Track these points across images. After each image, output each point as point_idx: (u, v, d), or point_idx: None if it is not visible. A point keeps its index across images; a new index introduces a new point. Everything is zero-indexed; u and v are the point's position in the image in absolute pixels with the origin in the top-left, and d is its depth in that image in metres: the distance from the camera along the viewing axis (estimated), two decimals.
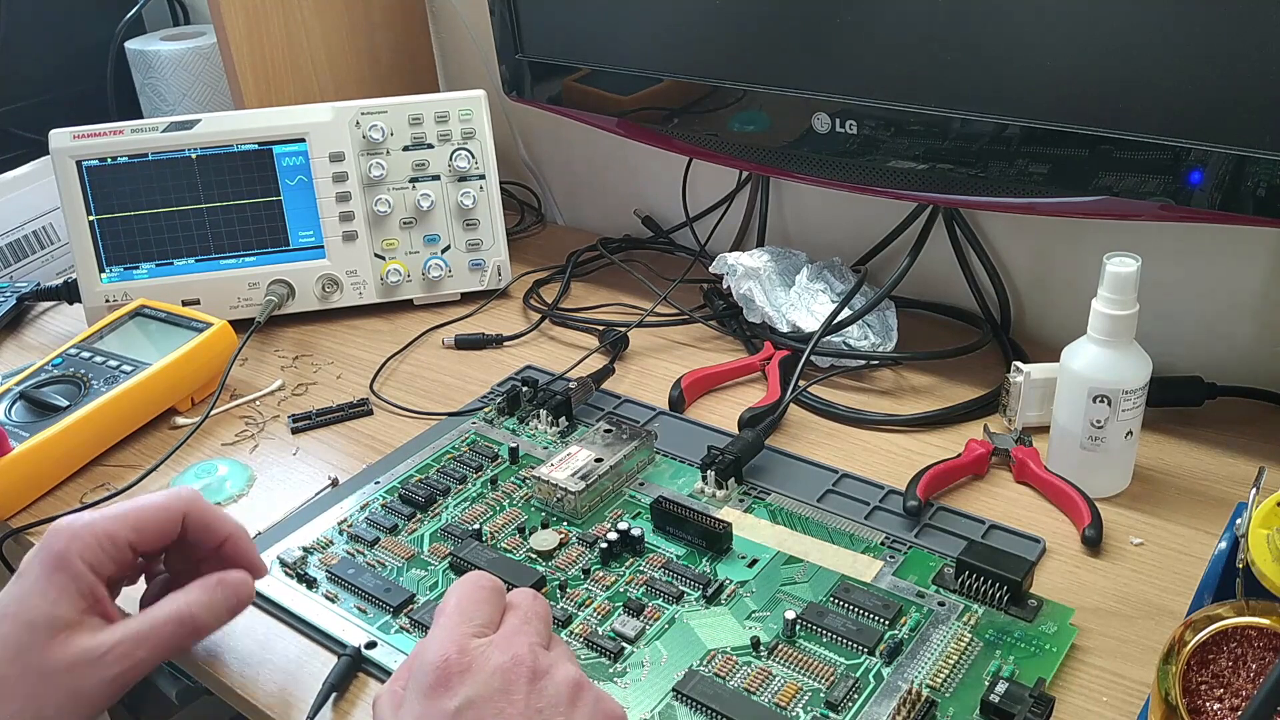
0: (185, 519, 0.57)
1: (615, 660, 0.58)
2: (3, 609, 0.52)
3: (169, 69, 1.22)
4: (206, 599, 0.56)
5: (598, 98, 0.92)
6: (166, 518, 0.57)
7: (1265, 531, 0.48)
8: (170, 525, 0.57)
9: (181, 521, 0.57)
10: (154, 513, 0.56)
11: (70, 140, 0.93)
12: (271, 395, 0.88)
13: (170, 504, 0.57)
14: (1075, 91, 0.66)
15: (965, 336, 0.88)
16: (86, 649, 0.51)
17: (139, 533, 0.55)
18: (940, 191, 0.75)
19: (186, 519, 0.57)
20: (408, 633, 0.61)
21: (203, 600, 0.56)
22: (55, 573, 0.52)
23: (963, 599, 0.60)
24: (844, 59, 0.75)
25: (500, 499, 0.72)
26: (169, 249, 0.96)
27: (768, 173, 0.97)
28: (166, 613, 0.55)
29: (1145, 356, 0.67)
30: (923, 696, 0.54)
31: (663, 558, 0.65)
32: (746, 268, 0.89)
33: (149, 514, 0.56)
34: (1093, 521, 0.65)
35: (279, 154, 0.96)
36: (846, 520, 0.68)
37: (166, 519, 0.57)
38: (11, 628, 0.51)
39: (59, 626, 0.51)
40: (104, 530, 0.54)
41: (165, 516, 0.57)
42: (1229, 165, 0.61)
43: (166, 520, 0.57)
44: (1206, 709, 0.46)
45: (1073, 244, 0.86)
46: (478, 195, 0.99)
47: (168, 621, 0.54)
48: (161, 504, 0.57)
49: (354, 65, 1.12)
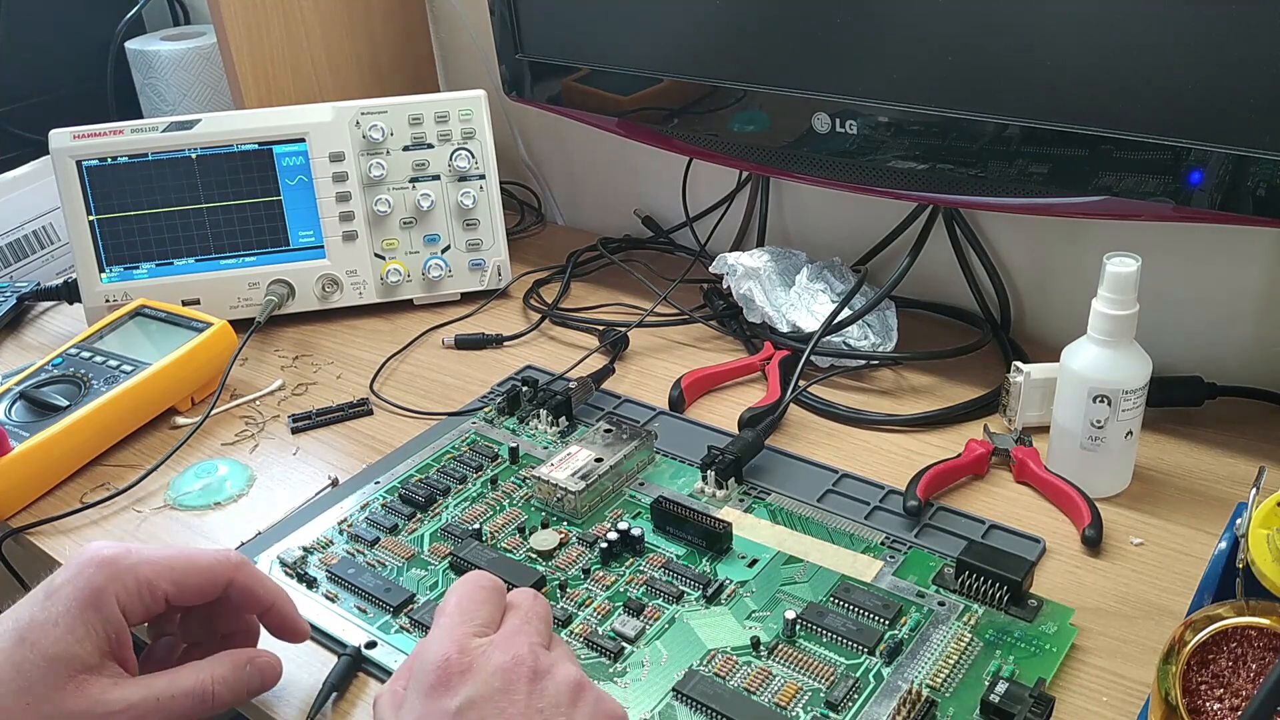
0: (230, 584, 0.54)
1: (615, 660, 0.58)
2: (22, 631, 0.49)
3: (169, 69, 1.22)
4: (233, 677, 0.54)
5: (598, 98, 0.92)
6: (210, 580, 0.54)
7: (1265, 531, 0.48)
8: (213, 589, 0.54)
9: (225, 586, 0.54)
10: (200, 572, 0.53)
11: (70, 140, 0.93)
12: (271, 395, 0.88)
13: (218, 567, 0.54)
14: (1075, 91, 0.66)
15: (965, 336, 0.88)
16: (100, 700, 0.49)
17: (179, 588, 0.53)
18: (940, 191, 0.75)
19: (231, 584, 0.54)
20: (408, 633, 0.61)
21: (229, 678, 0.53)
22: (88, 610, 0.50)
23: (963, 599, 0.60)
24: (844, 59, 0.75)
25: (500, 499, 0.72)
26: (169, 249, 0.96)
27: (768, 173, 0.97)
28: (190, 684, 0.52)
29: (1145, 356, 0.67)
30: (923, 696, 0.54)
31: (663, 558, 0.65)
32: (746, 268, 0.89)
33: (195, 572, 0.53)
34: (1093, 521, 0.65)
35: (279, 154, 0.96)
36: (846, 520, 0.68)
37: (210, 581, 0.54)
38: (29, 656, 0.48)
39: (78, 668, 0.49)
40: (146, 577, 0.52)
41: (209, 578, 0.54)
42: (1229, 165, 0.61)
43: (210, 583, 0.54)
44: (1206, 709, 0.46)
45: (1073, 244, 0.86)
46: (478, 195, 0.99)
47: (188, 695, 0.52)
48: (209, 565, 0.54)
49: (354, 65, 1.12)
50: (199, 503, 0.75)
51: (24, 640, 0.49)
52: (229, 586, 0.54)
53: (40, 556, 0.73)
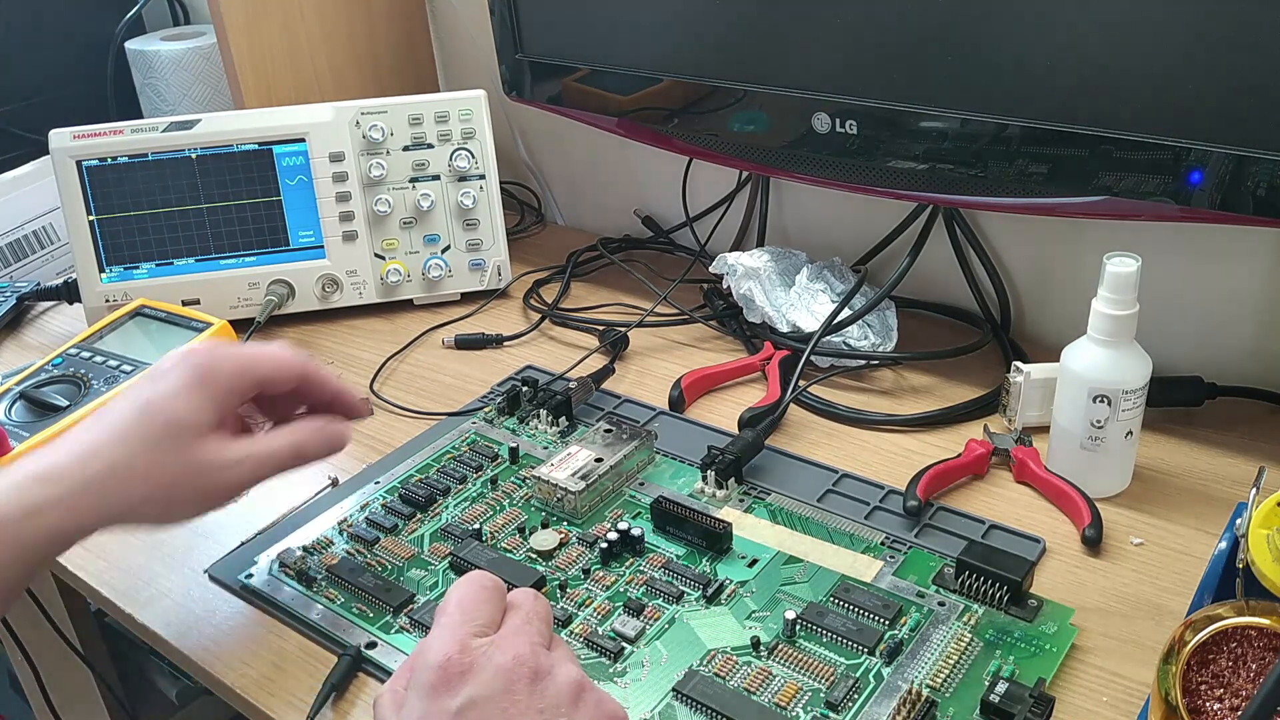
0: (304, 375, 0.63)
1: (615, 660, 0.58)
2: (144, 403, 0.56)
3: (169, 69, 1.22)
4: (317, 435, 0.62)
5: (598, 98, 0.92)
6: (290, 369, 0.62)
7: (1265, 531, 0.48)
8: (293, 376, 0.62)
9: (301, 377, 0.63)
10: (283, 362, 0.62)
11: (70, 140, 0.93)
12: None
13: (294, 360, 0.62)
14: (1075, 91, 0.66)
15: (965, 336, 0.88)
16: (219, 457, 0.57)
17: (269, 372, 0.61)
18: (940, 191, 0.75)
19: (304, 375, 0.63)
20: (408, 633, 0.61)
21: (314, 435, 0.62)
22: (199, 385, 0.57)
23: (963, 599, 0.60)
24: (844, 59, 0.75)
25: (500, 499, 0.72)
26: (169, 249, 0.96)
27: (768, 173, 0.97)
28: (285, 440, 0.61)
29: (1145, 356, 0.67)
30: (923, 696, 0.54)
31: (663, 558, 0.65)
32: (746, 268, 0.89)
33: (279, 362, 0.61)
34: (1093, 521, 0.65)
35: (279, 154, 0.96)
36: (846, 520, 0.68)
37: (290, 370, 0.62)
38: (153, 423, 0.56)
39: (196, 433, 0.56)
40: (243, 363, 0.59)
41: (290, 368, 0.62)
42: (1229, 165, 0.61)
43: (291, 371, 0.62)
44: (1206, 709, 0.46)
45: (1073, 244, 0.86)
46: (478, 195, 0.99)
47: (285, 448, 0.60)
48: (288, 357, 0.62)
49: (354, 65, 1.12)
50: None
51: (146, 412, 0.56)
52: (304, 376, 0.63)
53: None
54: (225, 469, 0.57)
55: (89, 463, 0.54)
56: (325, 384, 0.64)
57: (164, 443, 0.56)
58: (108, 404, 0.57)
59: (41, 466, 0.54)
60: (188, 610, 0.66)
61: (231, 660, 0.62)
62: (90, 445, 0.55)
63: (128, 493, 0.55)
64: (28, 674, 1.12)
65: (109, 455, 0.55)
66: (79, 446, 0.55)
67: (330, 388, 0.65)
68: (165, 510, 0.57)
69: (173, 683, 1.19)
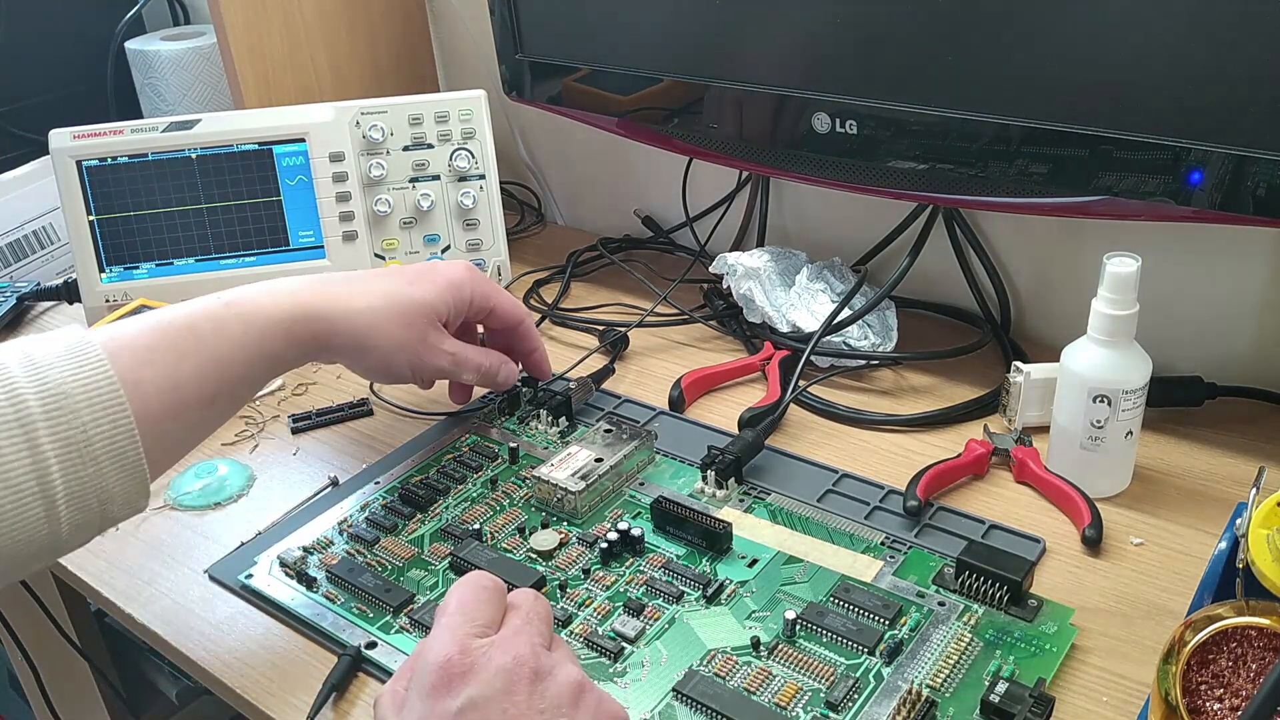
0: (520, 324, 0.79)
1: (615, 660, 0.58)
2: (412, 275, 0.72)
3: (169, 69, 1.22)
4: (499, 367, 0.77)
5: (598, 98, 0.92)
6: (516, 316, 0.78)
7: (1265, 531, 0.48)
8: (514, 321, 0.78)
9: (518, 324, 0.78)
10: (514, 308, 0.78)
11: (70, 140, 0.93)
12: (271, 395, 0.88)
13: (520, 309, 0.78)
14: (1075, 91, 0.66)
15: (965, 336, 0.88)
16: (444, 341, 0.73)
17: (500, 308, 0.76)
18: (940, 191, 0.75)
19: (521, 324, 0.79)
20: (408, 633, 0.61)
21: (497, 366, 0.77)
22: (452, 287, 0.73)
23: (963, 599, 0.60)
24: (844, 59, 0.75)
25: (500, 499, 0.72)
26: (169, 249, 0.96)
27: (768, 173, 0.97)
28: (481, 358, 0.76)
29: (1145, 356, 0.67)
30: (923, 696, 0.54)
31: (663, 558, 0.65)
32: (746, 268, 0.89)
33: (512, 306, 0.77)
34: (1093, 521, 0.65)
35: (279, 154, 0.96)
36: (846, 520, 0.68)
37: (515, 317, 0.78)
38: (411, 301, 0.71)
39: (435, 317, 0.72)
40: (486, 291, 0.75)
41: (516, 315, 0.78)
42: (1229, 165, 0.61)
43: (515, 318, 0.78)
44: (1206, 709, 0.46)
45: (1073, 244, 0.86)
46: (478, 195, 0.99)
47: (480, 363, 0.75)
48: (518, 305, 0.78)
49: (354, 65, 1.12)
50: (199, 503, 0.75)
51: (409, 297, 0.71)
52: (519, 325, 0.78)
53: None
54: (437, 352, 0.72)
55: (357, 316, 0.68)
56: (530, 339, 0.80)
57: (414, 318, 0.70)
58: (385, 272, 0.73)
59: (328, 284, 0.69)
60: (188, 610, 0.66)
61: (231, 660, 0.62)
62: (365, 286, 0.70)
63: (372, 341, 0.69)
64: (28, 674, 1.12)
65: (373, 296, 0.69)
66: (357, 286, 0.70)
67: (532, 343, 0.80)
68: (391, 362, 0.71)
69: (173, 683, 1.19)
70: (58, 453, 0.52)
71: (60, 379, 0.53)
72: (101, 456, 0.54)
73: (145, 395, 0.56)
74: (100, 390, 0.54)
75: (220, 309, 0.63)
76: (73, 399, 0.53)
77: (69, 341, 0.55)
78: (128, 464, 0.55)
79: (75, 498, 0.53)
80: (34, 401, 0.52)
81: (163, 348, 0.59)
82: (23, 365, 0.53)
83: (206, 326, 0.61)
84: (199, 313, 0.62)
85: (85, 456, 0.53)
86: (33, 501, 0.52)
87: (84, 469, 0.53)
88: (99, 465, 0.54)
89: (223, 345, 0.61)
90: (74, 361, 0.54)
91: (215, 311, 0.62)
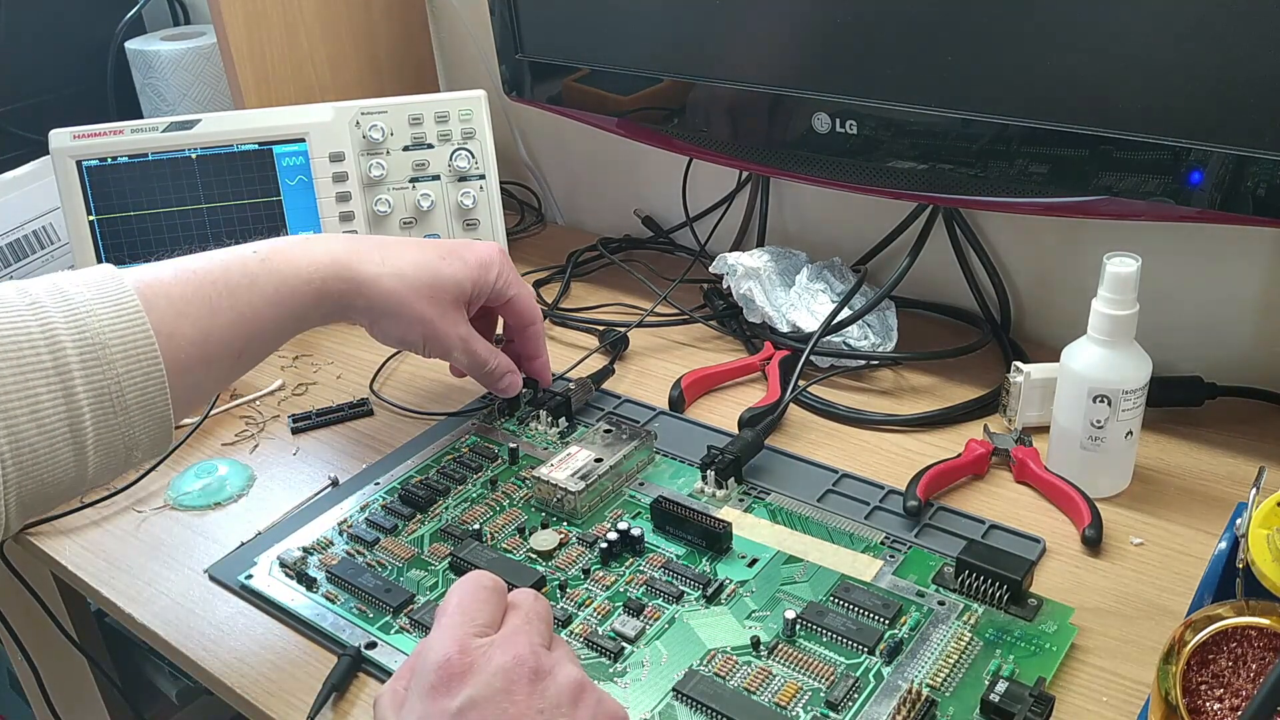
0: (533, 325, 0.79)
1: (615, 660, 0.58)
2: (445, 250, 0.72)
3: (169, 69, 1.22)
4: (505, 368, 0.77)
5: (598, 98, 0.92)
6: (531, 315, 0.79)
7: (1265, 531, 0.48)
8: (529, 320, 0.79)
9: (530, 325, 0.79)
10: (531, 308, 0.78)
11: (70, 140, 0.93)
12: (271, 395, 0.88)
13: (536, 311, 0.79)
14: (1075, 91, 0.66)
15: (965, 336, 0.88)
16: (458, 322, 0.73)
17: (516, 301, 0.77)
18: (940, 191, 0.75)
19: (533, 325, 0.79)
20: (408, 633, 0.61)
21: (502, 365, 0.76)
22: (482, 267, 0.73)
23: (963, 598, 0.60)
24: (844, 59, 0.75)
25: (500, 499, 0.72)
26: (169, 249, 0.96)
27: (768, 173, 0.97)
28: (489, 352, 0.75)
29: (1145, 356, 0.67)
30: (923, 696, 0.54)
31: (663, 557, 0.65)
32: (746, 268, 0.89)
33: (529, 304, 0.78)
34: (1093, 521, 0.65)
35: (279, 154, 0.96)
36: (846, 520, 0.68)
37: (530, 316, 0.78)
38: (440, 274, 0.71)
39: (458, 294, 0.72)
40: (511, 280, 0.76)
41: (531, 314, 0.78)
42: (1229, 165, 0.61)
43: (530, 316, 0.78)
44: (1206, 709, 0.46)
45: (1073, 244, 0.86)
46: (478, 195, 0.99)
47: (483, 357, 0.75)
48: (533, 309, 0.78)
49: (354, 65, 1.12)
50: (199, 503, 0.75)
51: (439, 271, 0.71)
52: (531, 326, 0.79)
53: (41, 556, 0.73)
54: (450, 333, 0.72)
55: (385, 283, 0.68)
56: (537, 343, 0.80)
57: (437, 288, 0.70)
58: (418, 243, 0.72)
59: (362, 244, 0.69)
60: (188, 610, 0.66)
61: (231, 660, 0.62)
62: (397, 253, 0.70)
63: (394, 310, 0.69)
64: (28, 674, 1.12)
65: (397, 284, 0.69)
66: (391, 251, 0.70)
67: (538, 349, 0.80)
68: (401, 334, 0.71)
69: (173, 683, 1.19)
70: (91, 403, 0.54)
71: (99, 328, 0.55)
72: (132, 407, 0.56)
73: (177, 348, 0.58)
74: (136, 343, 0.55)
75: (256, 264, 0.64)
76: (109, 350, 0.55)
77: (104, 284, 0.56)
78: (156, 414, 0.57)
79: (104, 444, 0.55)
80: (71, 350, 0.53)
81: (197, 300, 0.60)
82: (59, 305, 0.54)
83: (241, 281, 0.62)
84: (235, 265, 0.63)
85: (117, 406, 0.55)
86: (64, 446, 0.54)
87: (115, 418, 0.55)
88: (129, 415, 0.56)
89: (256, 301, 0.62)
90: (111, 309, 0.55)
91: (251, 266, 0.63)
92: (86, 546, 0.72)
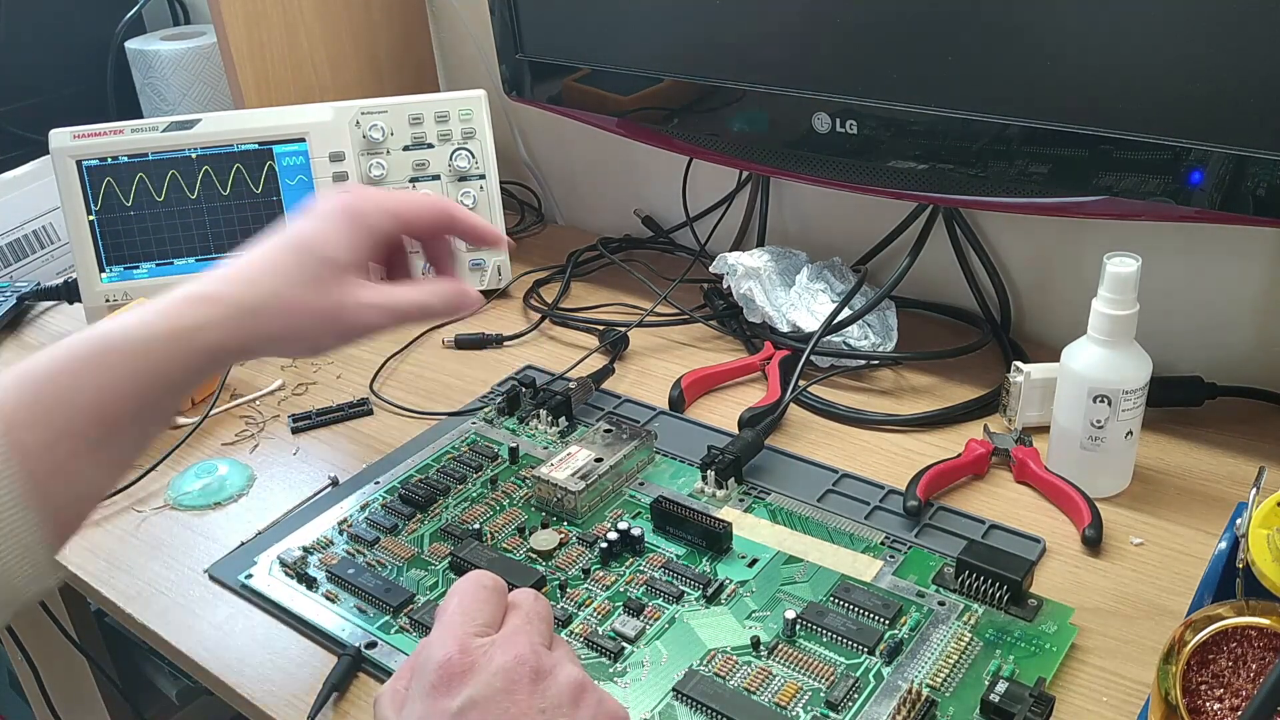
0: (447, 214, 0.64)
1: (615, 660, 0.58)
2: (298, 240, 0.58)
3: (169, 69, 1.22)
4: (444, 296, 0.63)
5: (598, 98, 0.92)
6: (433, 211, 0.63)
7: (1265, 531, 0.48)
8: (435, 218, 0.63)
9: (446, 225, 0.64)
10: (427, 205, 0.63)
11: (70, 140, 0.93)
12: (271, 395, 0.88)
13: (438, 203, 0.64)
14: (1075, 91, 0.66)
15: (965, 336, 0.88)
16: (358, 296, 0.58)
17: (413, 218, 0.62)
18: (940, 191, 0.75)
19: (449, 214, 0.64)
20: (408, 633, 0.61)
21: (442, 295, 0.63)
22: (350, 223, 0.59)
23: (963, 599, 0.60)
24: (844, 59, 0.75)
25: (500, 499, 0.72)
26: (169, 249, 0.96)
27: (768, 173, 0.97)
28: (414, 295, 0.62)
29: (1145, 356, 0.67)
30: (923, 696, 0.54)
31: (663, 557, 0.65)
32: (746, 268, 0.89)
33: (425, 204, 0.63)
34: (1093, 521, 0.65)
35: (279, 154, 0.96)
36: (846, 520, 0.68)
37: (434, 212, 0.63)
38: (307, 259, 0.57)
39: (343, 268, 0.58)
40: (389, 205, 0.61)
41: (433, 209, 0.63)
42: (1229, 165, 0.61)
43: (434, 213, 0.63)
44: (1206, 709, 0.46)
45: (1073, 244, 0.86)
46: (478, 195, 0.99)
47: (413, 304, 0.61)
48: (433, 201, 0.63)
49: (354, 65, 1.12)
50: (199, 503, 0.75)
51: (301, 247, 0.57)
52: (447, 214, 0.64)
53: None
54: (362, 309, 0.58)
55: (246, 291, 0.56)
56: (466, 220, 0.65)
57: (315, 279, 0.57)
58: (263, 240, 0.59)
59: (205, 289, 0.55)
60: (188, 610, 0.66)
61: (231, 660, 0.62)
62: (247, 275, 0.57)
63: (279, 322, 0.56)
64: (28, 674, 1.12)
65: (265, 286, 0.56)
66: (237, 275, 0.56)
67: (470, 223, 0.66)
68: (312, 343, 0.59)
69: (173, 683, 1.19)
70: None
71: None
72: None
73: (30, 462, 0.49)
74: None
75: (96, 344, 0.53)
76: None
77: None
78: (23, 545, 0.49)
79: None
80: None
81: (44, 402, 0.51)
82: None
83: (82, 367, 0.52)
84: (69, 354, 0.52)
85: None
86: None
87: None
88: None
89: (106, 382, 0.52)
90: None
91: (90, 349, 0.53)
92: (86, 546, 0.72)
